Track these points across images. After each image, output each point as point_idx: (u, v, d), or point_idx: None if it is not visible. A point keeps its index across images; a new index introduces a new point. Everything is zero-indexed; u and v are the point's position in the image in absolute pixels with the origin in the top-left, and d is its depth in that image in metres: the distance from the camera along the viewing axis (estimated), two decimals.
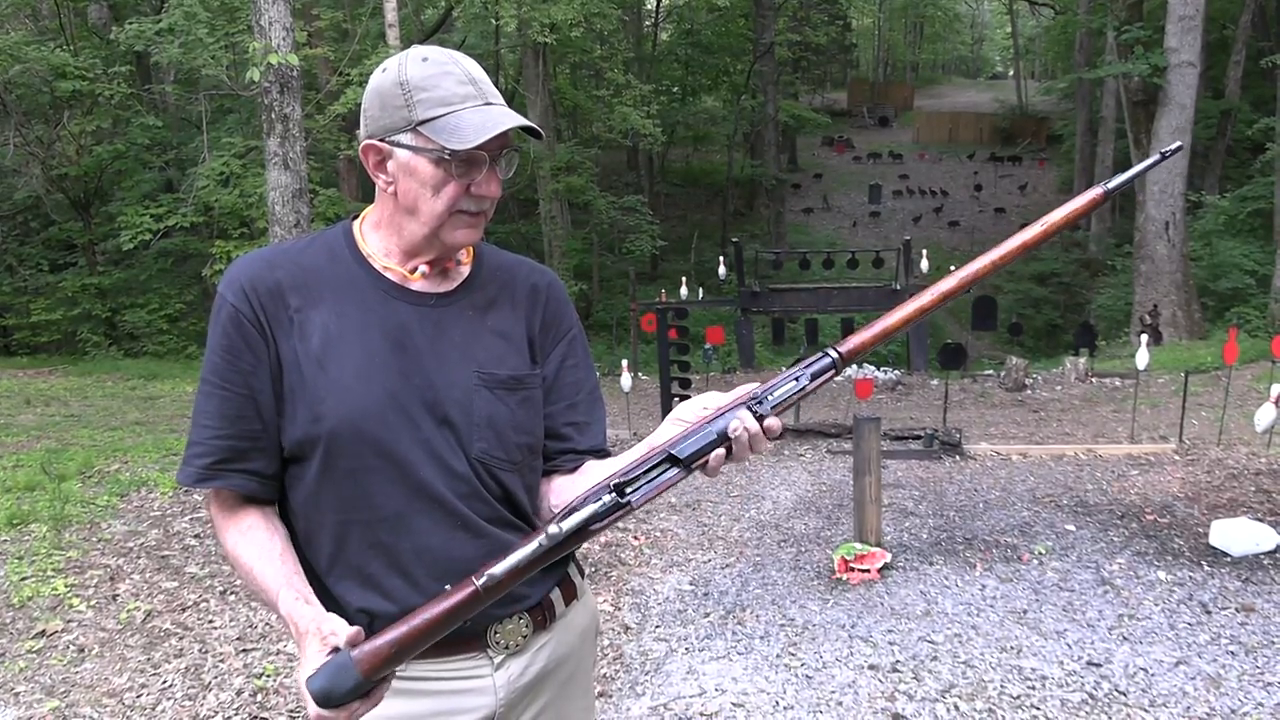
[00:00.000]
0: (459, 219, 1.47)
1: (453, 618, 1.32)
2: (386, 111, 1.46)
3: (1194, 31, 15.46)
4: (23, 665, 3.95)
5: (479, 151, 1.42)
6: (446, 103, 1.43)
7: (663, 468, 1.36)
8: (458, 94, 1.43)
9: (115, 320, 18.19)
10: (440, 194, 1.45)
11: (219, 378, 1.46)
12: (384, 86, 1.47)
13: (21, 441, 8.13)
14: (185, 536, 5.46)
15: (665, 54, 29.07)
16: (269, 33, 8.02)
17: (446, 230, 1.48)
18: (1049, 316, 22.75)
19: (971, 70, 62.86)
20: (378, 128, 1.47)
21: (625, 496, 1.33)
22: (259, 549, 1.46)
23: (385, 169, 1.48)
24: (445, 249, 1.51)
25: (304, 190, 8.49)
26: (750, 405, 1.35)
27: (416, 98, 1.43)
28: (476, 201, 1.47)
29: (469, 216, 1.48)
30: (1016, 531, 5.70)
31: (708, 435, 1.34)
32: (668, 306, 11.81)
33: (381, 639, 1.29)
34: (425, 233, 1.48)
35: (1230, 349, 7.97)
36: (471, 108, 1.43)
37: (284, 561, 1.45)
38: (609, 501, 1.33)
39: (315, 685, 1.27)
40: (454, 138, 1.40)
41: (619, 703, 3.76)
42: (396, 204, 1.49)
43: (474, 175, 1.45)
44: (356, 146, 1.56)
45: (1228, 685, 3.74)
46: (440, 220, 1.47)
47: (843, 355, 1.38)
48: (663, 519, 6.16)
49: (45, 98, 16.76)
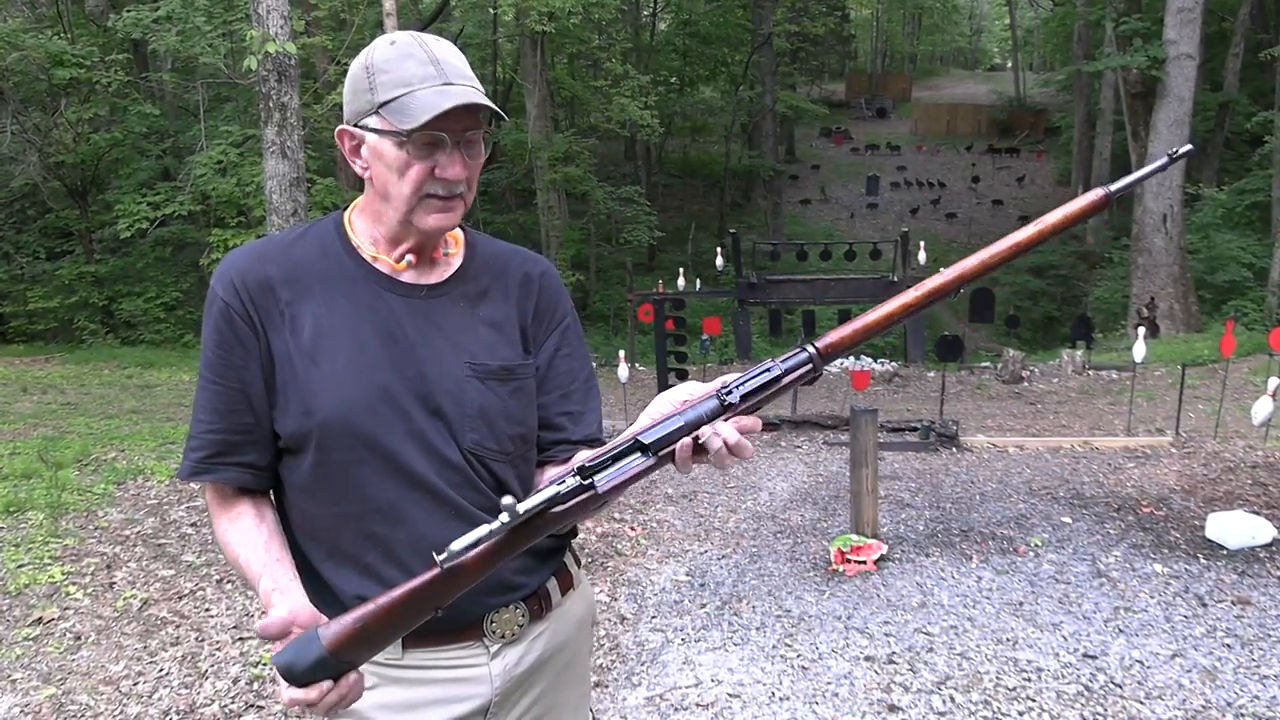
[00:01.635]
0: (429, 203, 1.46)
1: (419, 597, 1.29)
2: (356, 96, 1.46)
3: (1193, 24, 15.45)
4: (19, 652, 3.95)
5: (437, 132, 1.41)
6: (406, 83, 1.41)
7: (631, 455, 1.32)
8: (416, 74, 1.42)
9: (112, 308, 18.15)
10: (405, 177, 1.44)
11: (212, 372, 1.47)
12: (354, 71, 1.47)
13: (18, 429, 8.12)
14: (182, 525, 5.46)
15: (663, 44, 29.01)
16: (266, 21, 7.99)
17: (418, 215, 1.47)
18: (1046, 309, 22.77)
19: (970, 62, 62.76)
20: (350, 112, 1.47)
21: (589, 479, 1.29)
22: (244, 537, 1.48)
23: (360, 154, 1.48)
24: (421, 235, 1.50)
25: (301, 179, 8.47)
26: (719, 394, 1.31)
27: (378, 80, 1.43)
28: (444, 185, 1.45)
29: (438, 200, 1.46)
30: (1013, 524, 5.71)
31: (674, 423, 1.31)
32: (665, 297, 11.81)
33: (349, 616, 1.28)
34: (399, 218, 1.48)
35: (1227, 342, 7.97)
36: (428, 88, 1.41)
37: (267, 549, 1.46)
38: (572, 484, 1.29)
39: (280, 659, 1.28)
40: (405, 117, 1.40)
41: (615, 693, 3.77)
42: (374, 190, 1.49)
43: (435, 156, 1.43)
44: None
45: (1223, 678, 3.75)
46: (409, 204, 1.46)
47: (820, 351, 1.32)
48: (659, 510, 6.16)
49: (42, 85, 16.70)
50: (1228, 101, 20.56)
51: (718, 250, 15.76)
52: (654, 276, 17.97)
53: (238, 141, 13.59)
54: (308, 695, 1.27)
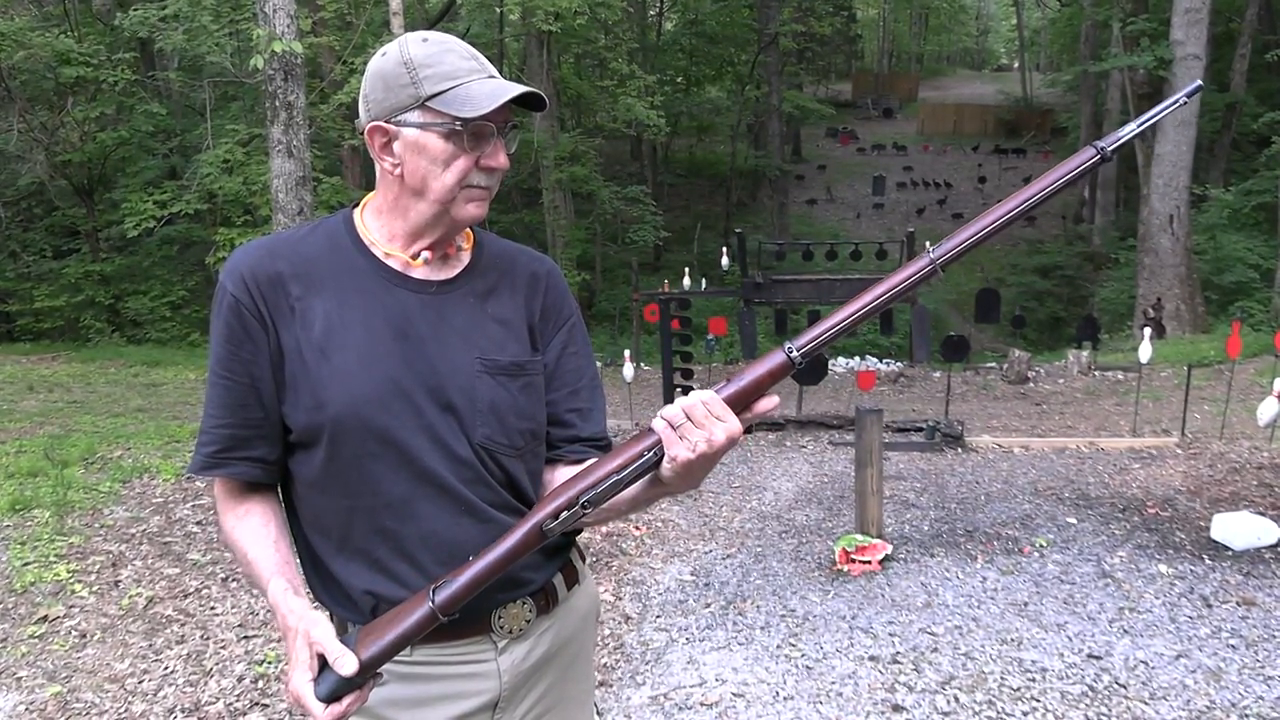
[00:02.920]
0: (468, 194, 1.48)
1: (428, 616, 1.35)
2: (391, 92, 1.45)
3: (1199, 24, 15.41)
4: (25, 650, 3.96)
5: (487, 123, 1.44)
6: (453, 76, 1.44)
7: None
8: (463, 68, 1.45)
9: (118, 307, 18.19)
10: (451, 168, 1.45)
11: (222, 367, 1.48)
12: (386, 68, 1.47)
13: (24, 427, 8.14)
14: (187, 523, 5.47)
15: (669, 44, 28.96)
16: (273, 20, 8.01)
17: (457, 206, 1.48)
18: (1052, 309, 22.71)
19: (976, 62, 62.62)
20: (382, 109, 1.47)
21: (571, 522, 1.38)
22: (253, 535, 1.49)
23: (391, 150, 1.48)
24: (453, 226, 1.52)
25: (307, 178, 8.49)
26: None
27: (423, 74, 1.44)
28: (486, 175, 1.48)
29: (478, 191, 1.49)
30: (1018, 524, 5.70)
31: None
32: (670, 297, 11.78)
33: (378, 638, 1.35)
34: (434, 211, 1.49)
35: (1233, 343, 7.96)
36: (477, 80, 1.45)
37: (276, 549, 1.47)
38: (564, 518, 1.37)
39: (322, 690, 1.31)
40: (466, 106, 1.42)
41: (619, 692, 3.77)
42: (403, 186, 1.49)
43: (483, 147, 1.46)
44: (359, 135, 1.56)
45: (1228, 679, 3.75)
46: (450, 195, 1.47)
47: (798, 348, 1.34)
48: (664, 509, 6.16)
49: (49, 84, 16.73)
50: (1234, 102, 20.49)
51: (723, 250, 15.69)
52: (659, 276, 17.96)
53: (244, 140, 13.60)
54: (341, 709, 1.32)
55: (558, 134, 19.73)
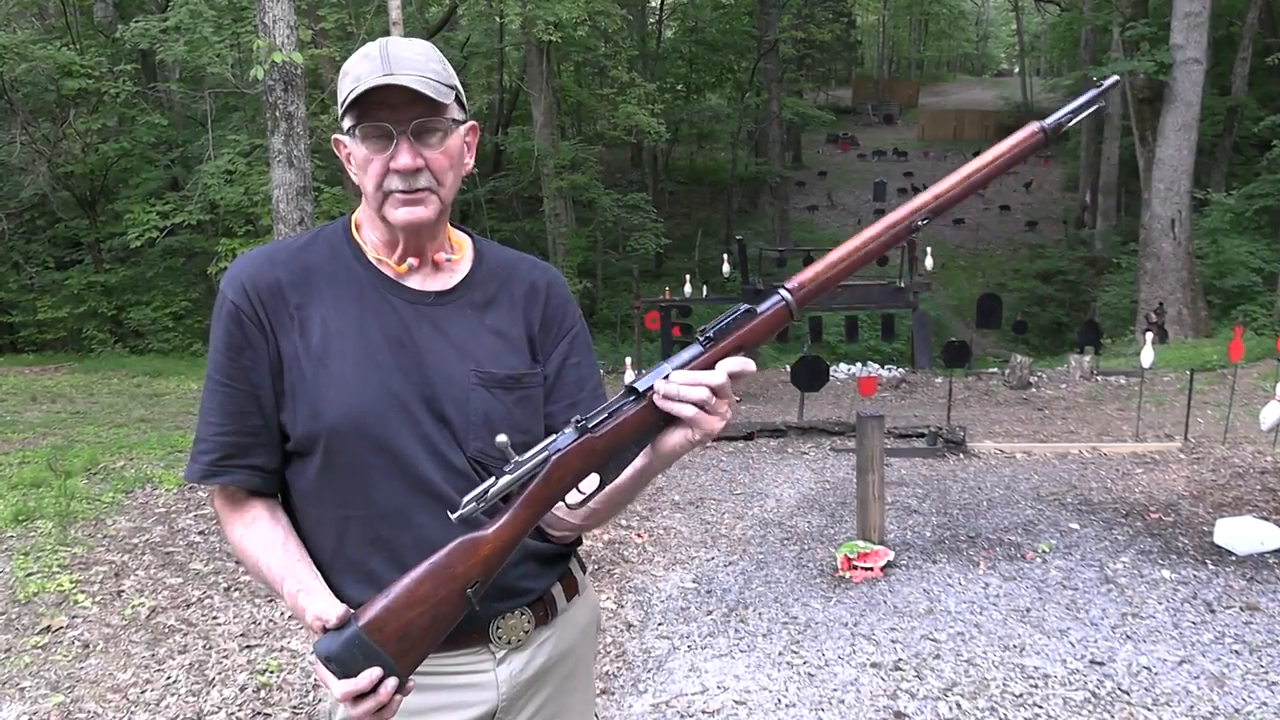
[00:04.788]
0: (393, 198, 1.47)
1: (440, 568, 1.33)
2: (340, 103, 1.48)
3: (1200, 28, 15.42)
4: (28, 660, 3.96)
5: (381, 124, 1.43)
6: (356, 79, 1.43)
7: (624, 402, 1.38)
8: (365, 70, 1.43)
9: (121, 318, 18.23)
10: (367, 172, 1.46)
11: (222, 375, 1.48)
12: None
13: (27, 438, 8.15)
14: (189, 533, 5.47)
15: (669, 51, 29.03)
16: (273, 31, 8.03)
17: (388, 210, 1.48)
18: (1054, 314, 22.71)
19: (976, 67, 62.74)
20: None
21: (587, 424, 1.35)
22: (263, 540, 1.49)
23: (351, 162, 1.51)
24: (402, 235, 1.51)
25: (308, 188, 8.50)
26: (699, 338, 1.37)
27: (342, 83, 1.47)
28: (400, 177, 1.45)
29: (402, 195, 1.46)
30: (1020, 530, 5.70)
31: (660, 371, 1.36)
32: (671, 304, 11.82)
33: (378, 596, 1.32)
34: (375, 216, 1.51)
35: (1236, 347, 7.95)
36: (368, 81, 1.42)
37: (285, 551, 1.47)
38: (570, 434, 1.35)
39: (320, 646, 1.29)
40: (348, 110, 1.43)
41: (621, 700, 3.77)
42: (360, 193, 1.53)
43: (386, 149, 1.45)
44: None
45: (1231, 684, 3.74)
46: (377, 201, 1.48)
47: (793, 292, 1.39)
48: (665, 517, 6.16)
49: (51, 96, 16.77)
50: (1236, 106, 20.51)
51: (724, 257, 15.75)
52: (661, 283, 17.95)
53: (245, 151, 13.64)
54: (358, 685, 1.27)
55: (558, 142, 19.76)
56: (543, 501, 1.36)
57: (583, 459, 1.35)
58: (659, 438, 1.39)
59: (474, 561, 1.33)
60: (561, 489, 1.36)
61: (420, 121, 1.45)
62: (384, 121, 1.43)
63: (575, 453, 1.34)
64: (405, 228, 1.49)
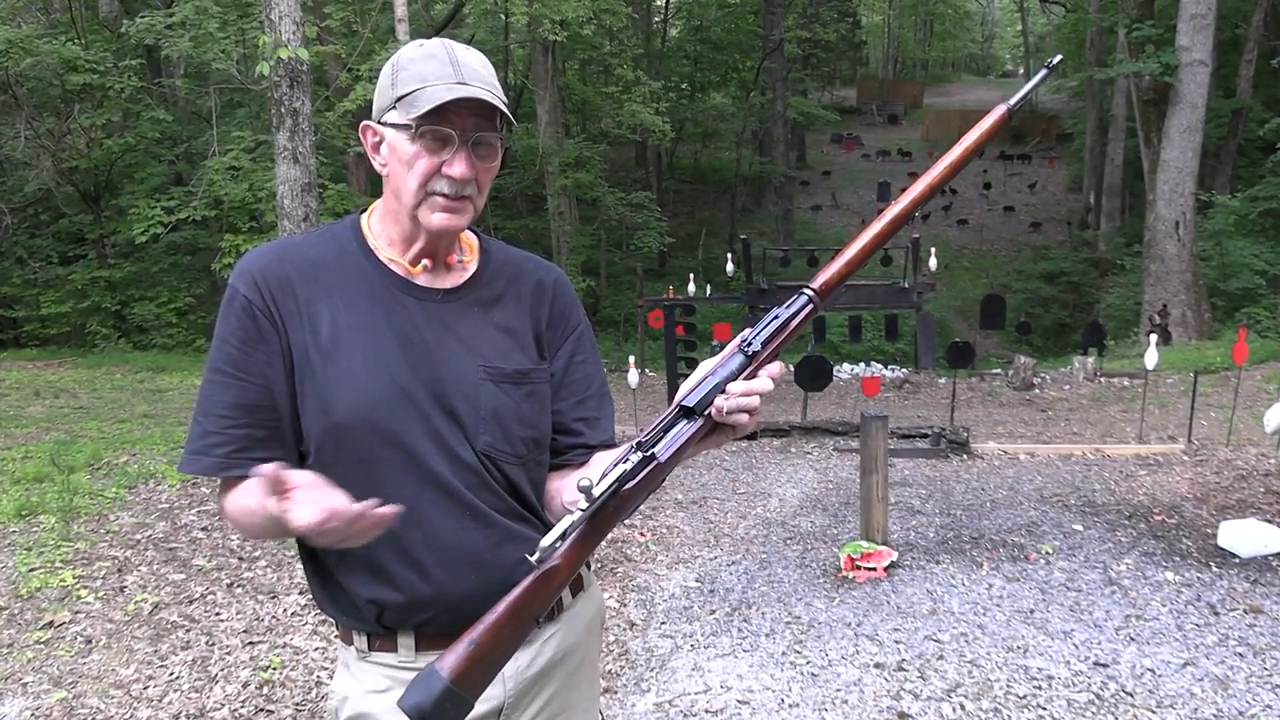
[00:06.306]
0: (434, 201, 1.47)
1: (521, 606, 1.31)
2: (381, 93, 1.50)
3: (1206, 30, 15.39)
4: (31, 656, 3.96)
5: (445, 129, 1.43)
6: (422, 79, 1.44)
7: (679, 423, 1.37)
8: (434, 72, 1.45)
9: (124, 313, 18.24)
10: (413, 170, 1.46)
11: (234, 368, 1.47)
12: (383, 70, 1.51)
13: (30, 433, 8.17)
14: (193, 529, 5.48)
15: (674, 50, 29.00)
16: (279, 27, 8.02)
17: (424, 212, 1.48)
18: (1057, 315, 22.68)
19: (981, 68, 62.64)
20: (375, 109, 1.51)
21: (649, 451, 1.35)
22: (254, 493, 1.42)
23: (379, 151, 1.51)
24: (428, 236, 1.51)
25: (313, 185, 8.49)
26: (741, 348, 1.37)
27: (399, 76, 1.47)
28: (450, 183, 1.46)
29: (444, 200, 1.47)
30: (1023, 531, 5.69)
31: (710, 384, 1.36)
32: (675, 303, 11.78)
33: (459, 643, 1.28)
34: (408, 215, 1.50)
35: (1240, 349, 7.94)
36: (441, 84, 1.44)
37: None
38: (636, 460, 1.34)
39: (407, 702, 1.25)
40: (414, 108, 1.43)
41: (624, 699, 3.76)
42: (389, 188, 1.52)
43: (444, 153, 1.45)
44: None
45: (1235, 687, 3.73)
46: (416, 199, 1.47)
47: (818, 291, 1.42)
48: (669, 516, 6.16)
49: (56, 91, 16.79)
50: (1241, 108, 20.48)
51: (728, 256, 15.75)
52: (664, 282, 17.94)
53: (250, 147, 13.62)
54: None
55: (563, 140, 19.75)
56: (609, 527, 1.37)
57: (648, 483, 1.36)
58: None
59: (548, 594, 1.33)
60: (626, 514, 1.38)
61: (483, 135, 1.47)
62: (452, 129, 1.44)
63: (643, 481, 1.35)
64: (439, 232, 1.50)
